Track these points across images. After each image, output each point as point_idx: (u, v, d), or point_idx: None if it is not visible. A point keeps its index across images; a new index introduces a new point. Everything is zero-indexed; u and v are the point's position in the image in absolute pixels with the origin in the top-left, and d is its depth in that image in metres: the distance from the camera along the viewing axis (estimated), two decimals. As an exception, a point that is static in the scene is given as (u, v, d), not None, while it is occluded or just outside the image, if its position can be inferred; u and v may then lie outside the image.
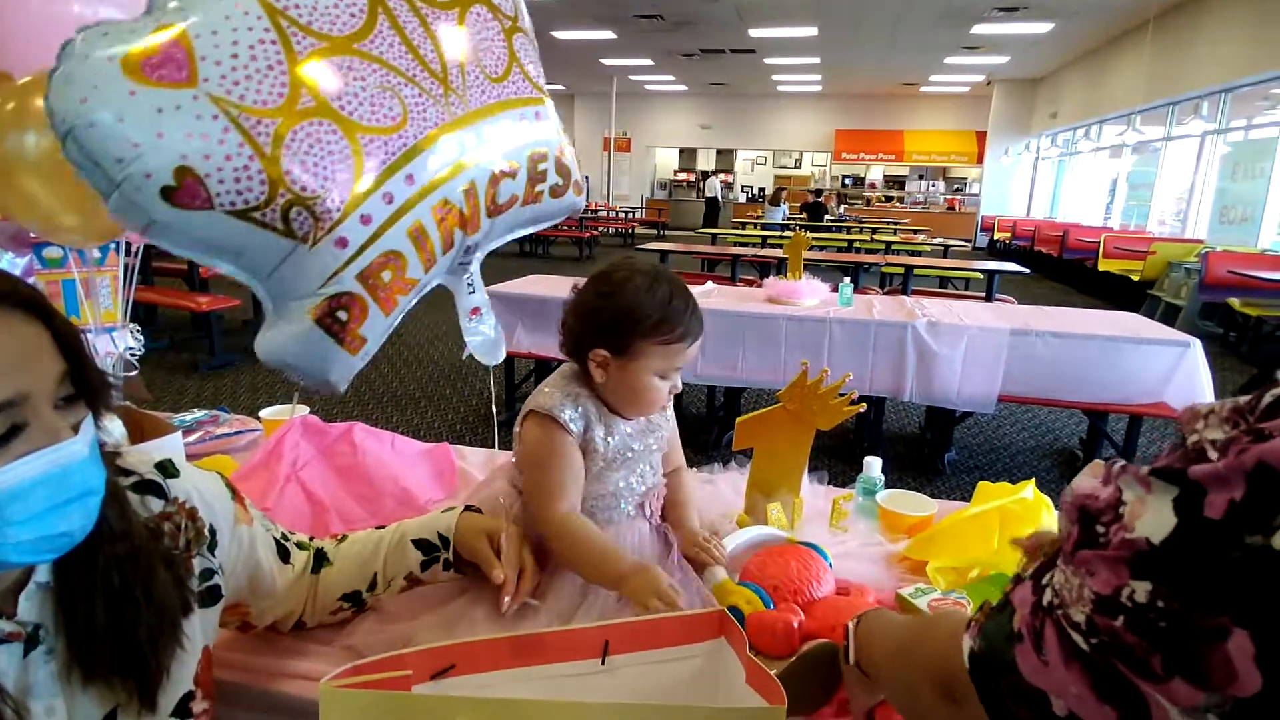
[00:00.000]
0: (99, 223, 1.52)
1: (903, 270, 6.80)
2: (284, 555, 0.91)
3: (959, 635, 0.48)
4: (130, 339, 1.87)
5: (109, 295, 1.89)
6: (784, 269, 4.73)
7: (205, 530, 0.77)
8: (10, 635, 0.62)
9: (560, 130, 1.32)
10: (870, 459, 1.38)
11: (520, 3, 1.29)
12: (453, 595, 0.97)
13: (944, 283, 8.04)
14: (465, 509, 0.99)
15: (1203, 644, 0.34)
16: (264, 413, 1.58)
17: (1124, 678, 0.37)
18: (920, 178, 20.31)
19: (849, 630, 0.74)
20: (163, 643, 0.68)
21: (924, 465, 3.68)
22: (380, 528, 1.00)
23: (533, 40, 1.30)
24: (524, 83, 1.24)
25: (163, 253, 7.01)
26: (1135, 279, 8.18)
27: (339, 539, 1.00)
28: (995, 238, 14.89)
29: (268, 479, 1.24)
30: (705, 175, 21.08)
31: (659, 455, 1.12)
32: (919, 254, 9.04)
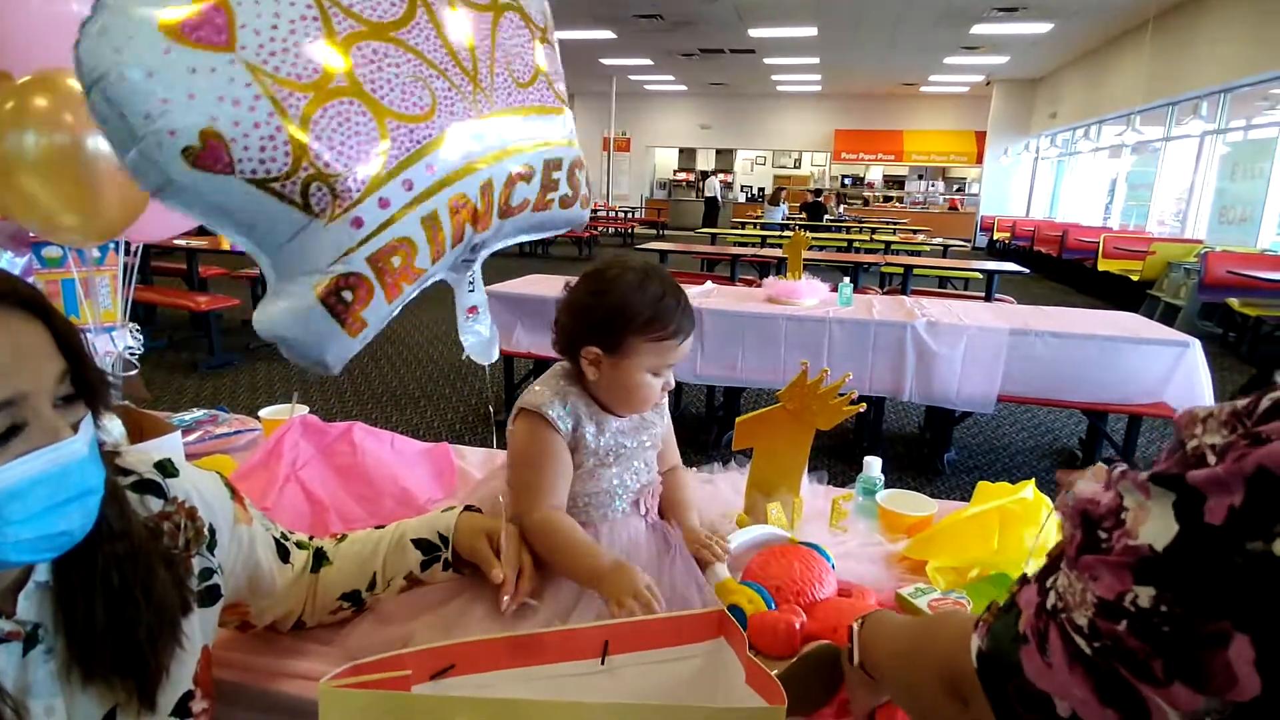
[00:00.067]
0: (98, 222, 1.52)
1: (902, 270, 6.79)
2: (283, 555, 0.91)
3: (967, 635, 0.49)
4: (129, 338, 1.87)
5: (108, 294, 1.89)
6: (783, 269, 4.73)
7: (204, 530, 0.77)
8: (9, 634, 0.62)
9: (576, 143, 1.32)
10: (870, 459, 1.38)
11: (550, 16, 1.32)
12: (452, 595, 0.97)
13: (943, 283, 8.04)
14: (465, 509, 0.99)
15: (1204, 649, 0.34)
16: (263, 412, 1.57)
17: (1126, 681, 0.37)
18: (920, 178, 20.32)
19: (853, 632, 0.74)
20: (162, 642, 0.68)
21: (924, 465, 3.68)
22: (380, 527, 1.00)
23: (557, 53, 1.32)
24: (548, 91, 1.26)
25: (162, 252, 6.96)
26: (1135, 279, 8.18)
27: (338, 538, 1.00)
28: (994, 238, 14.90)
29: (267, 478, 1.24)
30: (705, 175, 21.07)
31: (653, 452, 1.12)
32: (918, 254, 9.04)
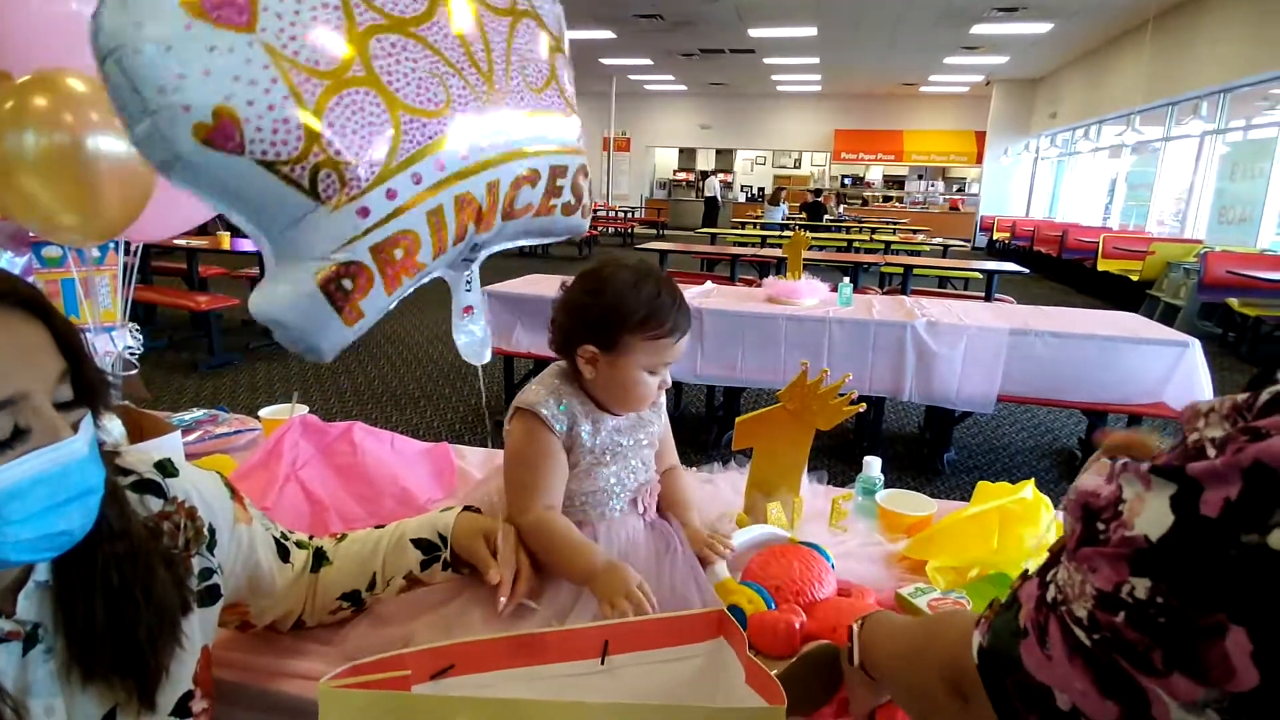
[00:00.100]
0: (98, 222, 1.52)
1: (902, 270, 6.79)
2: (283, 554, 0.91)
3: (969, 633, 0.49)
4: (129, 338, 1.87)
5: (108, 294, 1.89)
6: (783, 269, 4.73)
7: (204, 529, 0.77)
8: (9, 634, 0.62)
9: (583, 151, 1.33)
10: (870, 459, 1.38)
11: (564, 26, 1.33)
12: (452, 596, 0.97)
13: (943, 283, 8.05)
14: (464, 509, 0.99)
15: (1201, 640, 0.34)
16: (263, 412, 1.57)
17: (1125, 673, 0.37)
18: (919, 178, 20.33)
19: (853, 632, 0.74)
20: (162, 642, 0.68)
21: (923, 465, 3.68)
22: (379, 527, 1.00)
23: (570, 63, 1.33)
24: (559, 99, 1.27)
25: (162, 252, 6.97)
26: (1134, 279, 8.19)
27: (338, 538, 1.00)
28: (994, 238, 14.90)
29: (267, 478, 1.24)
30: (705, 175, 21.08)
31: (650, 451, 1.12)
32: (918, 254, 9.04)
